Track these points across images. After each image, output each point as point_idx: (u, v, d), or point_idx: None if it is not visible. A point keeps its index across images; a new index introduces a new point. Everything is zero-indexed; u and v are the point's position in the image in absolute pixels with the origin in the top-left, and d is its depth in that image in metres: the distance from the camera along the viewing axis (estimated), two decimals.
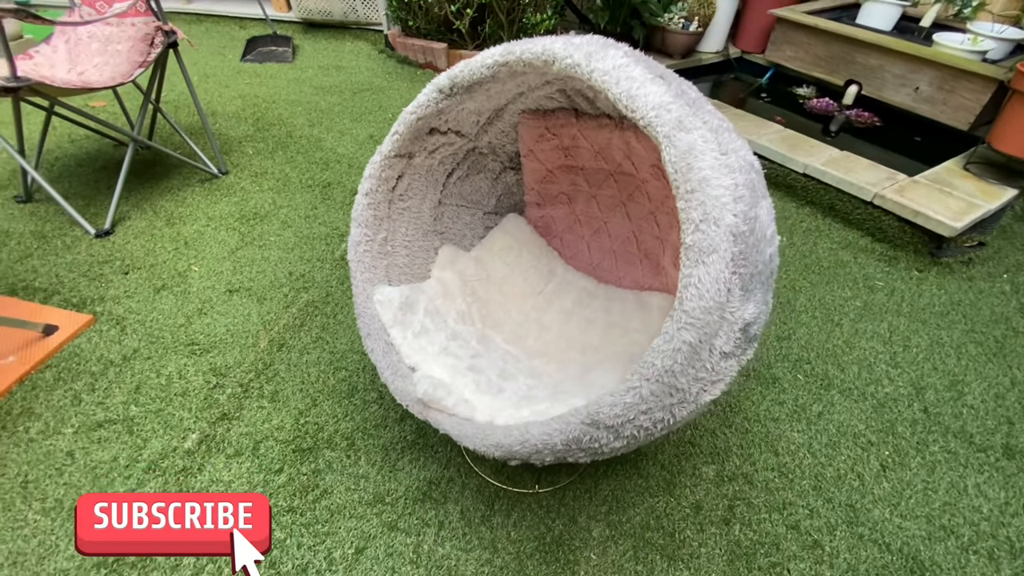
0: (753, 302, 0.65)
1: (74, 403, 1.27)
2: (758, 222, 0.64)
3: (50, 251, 1.71)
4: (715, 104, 2.23)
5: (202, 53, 3.27)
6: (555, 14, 2.90)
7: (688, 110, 0.62)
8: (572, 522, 1.09)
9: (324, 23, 3.47)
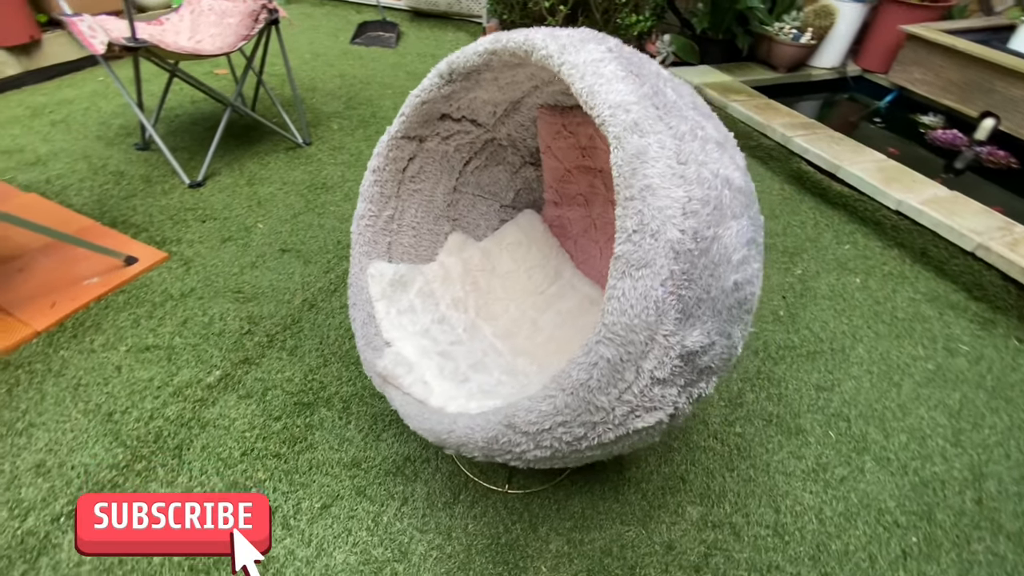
0: (700, 330, 0.59)
1: (133, 326, 1.45)
2: (717, 243, 0.58)
3: (150, 194, 1.96)
4: (804, 123, 2.01)
5: (318, 33, 3.56)
6: (652, 15, 2.79)
7: (653, 112, 0.58)
8: (532, 529, 1.07)
9: (430, 12, 3.63)
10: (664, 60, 2.74)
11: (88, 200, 1.91)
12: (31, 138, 2.25)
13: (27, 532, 1.02)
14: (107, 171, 2.07)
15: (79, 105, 2.52)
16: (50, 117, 2.42)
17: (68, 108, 2.49)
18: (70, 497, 1.08)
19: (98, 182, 2.01)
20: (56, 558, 0.98)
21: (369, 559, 1.01)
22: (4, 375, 1.30)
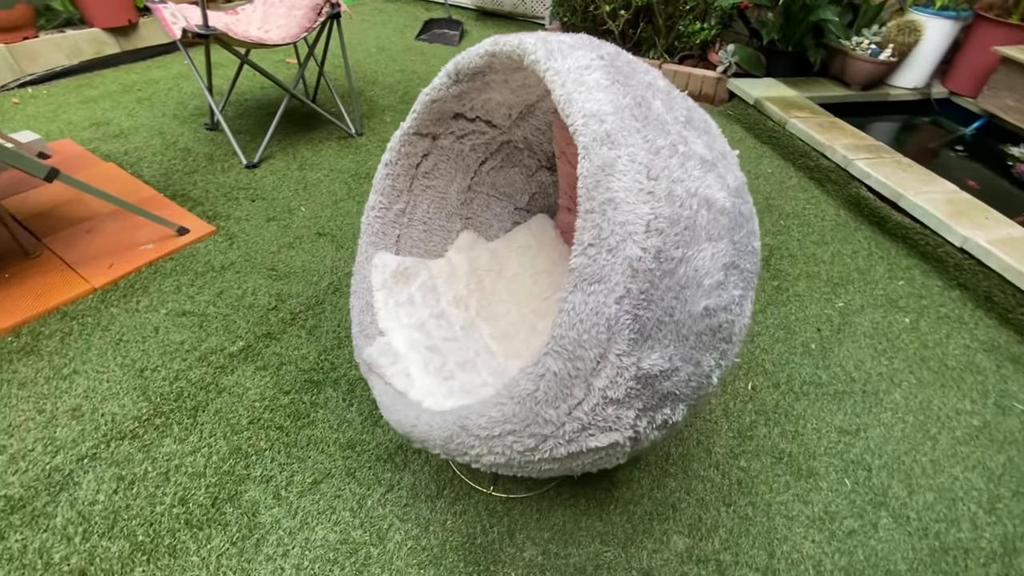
0: (659, 354, 0.56)
1: (174, 292, 1.57)
2: (685, 265, 0.55)
3: (210, 171, 2.11)
4: (871, 146, 1.87)
5: (387, 28, 3.69)
6: (718, 24, 2.69)
7: (630, 124, 0.56)
8: (509, 535, 1.06)
9: (494, 12, 3.67)
10: (726, 70, 2.63)
11: (156, 172, 2.08)
12: (118, 112, 2.47)
13: (54, 468, 1.12)
14: (177, 147, 2.24)
15: (163, 85, 2.75)
16: (137, 94, 2.65)
17: (154, 87, 2.72)
18: (96, 441, 1.18)
19: (167, 157, 2.18)
20: (74, 495, 1.08)
21: (347, 539, 1.04)
22: (60, 324, 1.44)
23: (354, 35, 3.54)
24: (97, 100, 2.57)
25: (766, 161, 2.33)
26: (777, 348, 1.48)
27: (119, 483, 1.11)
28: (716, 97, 2.72)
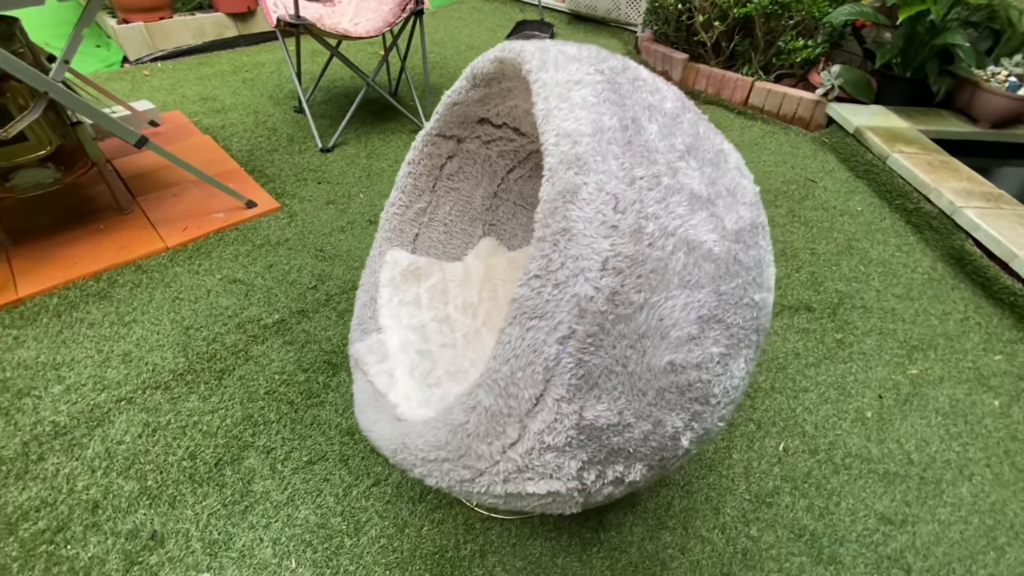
0: (607, 405, 0.51)
1: (232, 259, 1.69)
2: (647, 312, 0.49)
3: (288, 151, 2.25)
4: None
5: (480, 27, 3.75)
6: (825, 42, 2.45)
7: (608, 149, 0.50)
8: (481, 555, 1.03)
9: (588, 16, 3.61)
10: (827, 93, 2.39)
11: (243, 148, 2.26)
12: (224, 90, 2.71)
13: (96, 405, 1.25)
14: (266, 126, 2.42)
15: (267, 68, 2.98)
16: (244, 75, 2.89)
17: (259, 70, 2.96)
18: (135, 386, 1.29)
19: (255, 134, 2.36)
20: (107, 432, 1.19)
21: (326, 524, 1.06)
22: (133, 276, 1.60)
23: (447, 32, 3.63)
24: (210, 78, 2.84)
25: (857, 197, 2.09)
26: (824, 410, 1.32)
27: (144, 429, 1.20)
28: (812, 121, 2.48)
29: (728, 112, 2.69)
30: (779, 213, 2.00)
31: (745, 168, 0.66)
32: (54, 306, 1.48)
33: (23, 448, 1.15)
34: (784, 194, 2.11)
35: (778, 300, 1.62)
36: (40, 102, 1.34)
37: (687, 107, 0.63)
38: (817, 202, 2.07)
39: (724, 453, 1.22)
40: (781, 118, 2.58)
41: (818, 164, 2.29)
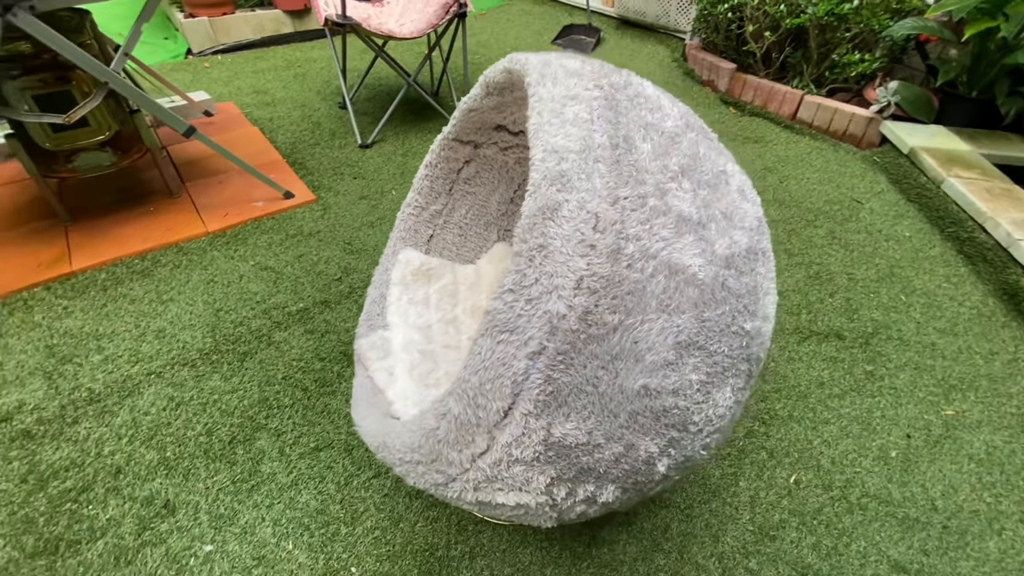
0: (575, 424, 0.50)
1: (266, 247, 1.76)
2: (621, 334, 0.48)
3: (329, 145, 2.33)
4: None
5: (527, 30, 3.76)
6: (884, 56, 2.33)
7: (595, 167, 0.50)
8: (471, 557, 1.04)
9: (636, 22, 3.56)
10: (882, 110, 2.27)
11: (287, 140, 2.35)
12: (276, 84, 2.83)
13: (129, 376, 1.33)
14: (310, 120, 2.51)
15: (318, 64, 3.09)
16: (296, 70, 3.01)
17: (310, 65, 3.07)
18: (165, 362, 1.37)
19: (300, 127, 2.45)
20: (135, 403, 1.27)
21: (325, 511, 1.09)
22: (174, 257, 1.70)
23: (493, 34, 3.66)
24: (264, 71, 2.97)
25: (905, 223, 1.97)
26: (844, 444, 1.25)
27: (169, 402, 1.28)
28: (864, 139, 2.37)
29: (774, 125, 2.60)
30: (817, 234, 1.91)
31: (750, 191, 0.64)
32: (102, 281, 1.59)
33: (61, 411, 1.24)
34: (825, 214, 2.01)
35: (806, 326, 1.55)
36: (100, 91, 1.44)
37: (691, 126, 0.62)
38: (861, 224, 1.97)
39: (731, 480, 1.18)
40: (831, 134, 2.47)
41: (866, 185, 2.18)
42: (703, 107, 2.76)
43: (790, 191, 2.14)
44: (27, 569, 0.98)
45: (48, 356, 1.36)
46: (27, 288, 1.54)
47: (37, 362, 1.35)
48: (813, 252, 1.84)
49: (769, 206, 2.04)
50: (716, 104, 2.80)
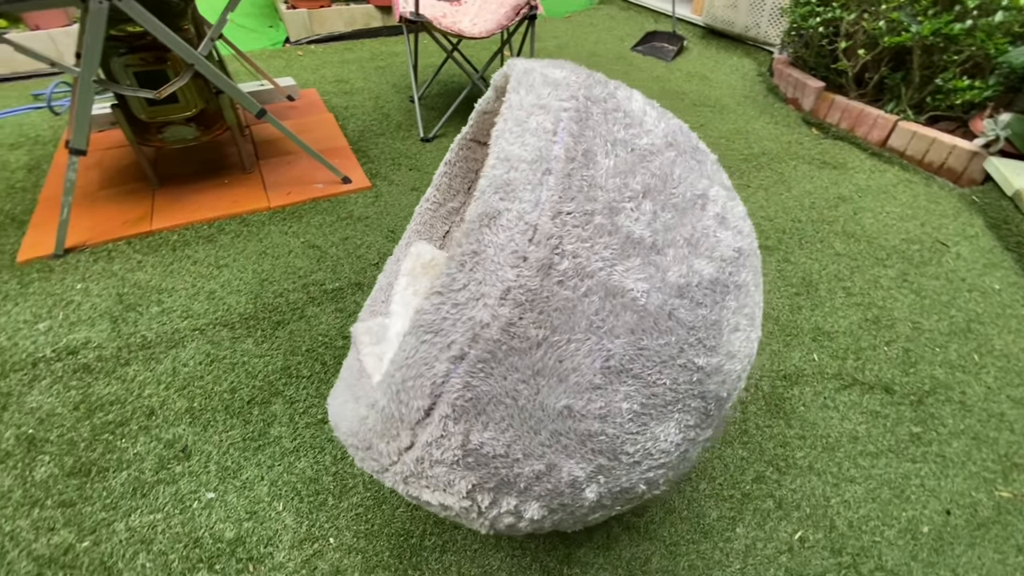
0: (493, 434, 0.49)
1: (317, 227, 1.88)
2: (546, 351, 0.47)
3: (394, 137, 2.43)
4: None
5: (609, 35, 3.71)
6: (999, 83, 2.07)
7: (544, 179, 0.48)
8: (442, 551, 1.05)
9: (724, 32, 3.40)
10: (989, 144, 2.02)
11: (356, 128, 2.49)
12: (357, 75, 3.00)
13: (177, 330, 1.47)
14: (381, 111, 2.63)
15: (399, 59, 3.23)
16: (378, 63, 3.17)
17: (392, 59, 3.22)
18: (210, 321, 1.50)
19: (371, 117, 2.58)
20: (178, 355, 1.40)
21: (318, 480, 1.15)
22: (236, 227, 1.85)
23: (573, 37, 3.64)
24: (349, 62, 3.15)
25: (997, 274, 1.74)
26: (867, 509, 1.14)
27: (205, 358, 1.40)
28: (963, 175, 2.11)
29: (859, 152, 2.39)
30: (886, 275, 1.74)
31: (737, 219, 0.60)
32: (173, 241, 1.77)
33: (117, 352, 1.40)
34: (900, 254, 1.82)
35: (850, 372, 1.42)
36: (187, 71, 1.60)
37: (675, 145, 0.58)
38: (942, 270, 1.76)
39: (728, 523, 1.11)
40: (924, 166, 2.23)
41: (958, 226, 1.95)
42: (781, 126, 2.59)
43: (863, 225, 1.96)
44: (62, 485, 1.12)
45: (117, 302, 1.54)
46: (113, 240, 1.75)
47: (107, 306, 1.53)
48: (876, 294, 1.67)
49: (834, 238, 1.89)
50: (797, 124, 2.61)
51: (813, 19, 2.39)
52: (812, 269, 1.76)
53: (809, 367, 1.44)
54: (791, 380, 1.40)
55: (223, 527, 1.07)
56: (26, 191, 1.96)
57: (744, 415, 1.31)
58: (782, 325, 1.56)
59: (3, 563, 1.00)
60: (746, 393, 1.37)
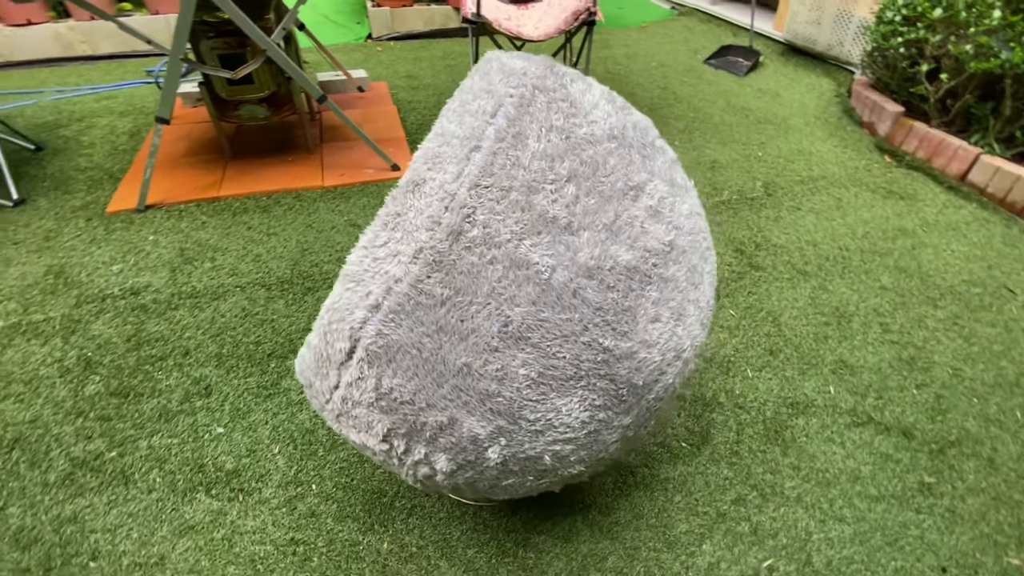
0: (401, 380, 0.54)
1: (360, 208, 2.01)
2: (448, 309, 0.51)
3: None
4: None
5: (682, 47, 3.64)
6: None
7: (472, 156, 0.53)
8: (408, 513, 1.11)
9: (805, 49, 3.24)
10: None
11: (415, 122, 2.63)
12: (427, 72, 3.16)
13: (223, 285, 1.64)
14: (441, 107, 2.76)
15: (467, 58, 3.36)
16: (448, 61, 3.31)
17: (462, 59, 3.35)
18: (251, 280, 1.66)
19: (431, 113, 2.71)
20: (218, 307, 1.57)
21: (314, 432, 1.25)
22: (291, 201, 2.03)
23: (643, 47, 3.62)
24: (422, 60, 3.33)
25: None
26: (851, 550, 1.07)
27: (240, 312, 1.55)
28: None
29: (934, 184, 2.20)
30: (934, 315, 1.61)
31: (674, 216, 0.61)
32: (234, 208, 1.97)
33: (170, 298, 1.59)
34: (956, 295, 1.68)
35: (867, 410, 1.33)
36: (260, 56, 1.78)
37: (619, 137, 0.61)
38: (1001, 318, 1.60)
39: (696, 538, 1.08)
40: (1007, 206, 2.02)
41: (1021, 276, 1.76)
42: (850, 150, 2.45)
43: (919, 261, 1.82)
44: (104, 403, 1.29)
45: (178, 255, 1.74)
46: (185, 202, 1.97)
47: (170, 257, 1.73)
48: (918, 334, 1.55)
49: (883, 272, 1.76)
50: (868, 149, 2.45)
51: (895, 39, 2.24)
52: (849, 300, 1.66)
53: (822, 399, 1.37)
54: (798, 409, 1.34)
55: (225, 459, 1.19)
56: (125, 153, 2.25)
57: (738, 436, 1.28)
58: (801, 353, 1.49)
59: (46, 459, 1.17)
60: (688, 391, 1.34)
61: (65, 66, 3.05)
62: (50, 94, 2.69)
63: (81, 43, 3.07)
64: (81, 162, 2.19)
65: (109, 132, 2.39)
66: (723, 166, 2.33)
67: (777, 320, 1.59)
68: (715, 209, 2.06)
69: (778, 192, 2.17)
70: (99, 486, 1.13)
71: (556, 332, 0.54)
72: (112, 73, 2.97)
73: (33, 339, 1.45)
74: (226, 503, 1.11)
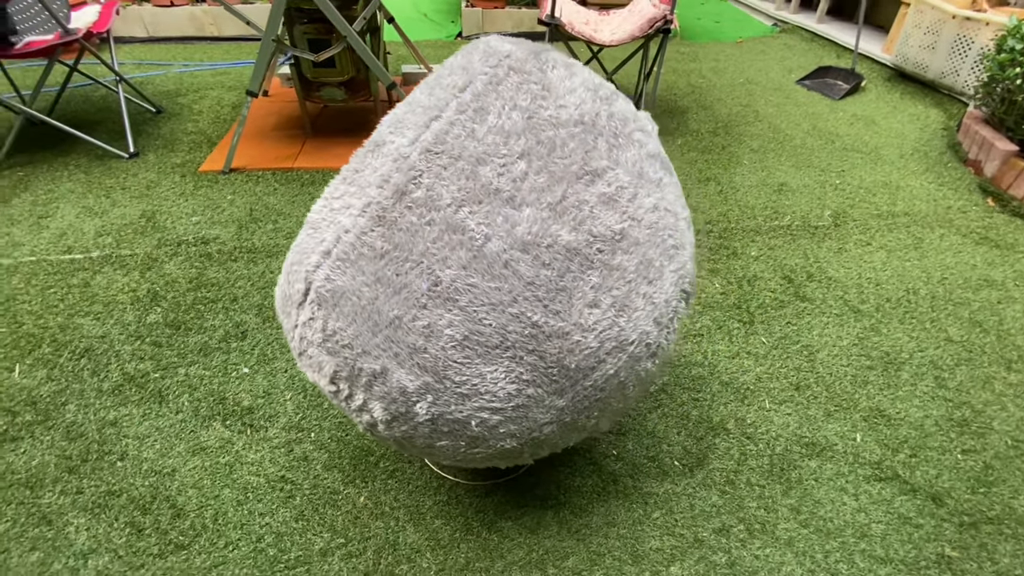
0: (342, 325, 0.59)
1: None
2: (386, 263, 0.55)
3: None
4: None
5: (777, 65, 3.46)
6: None
7: (433, 124, 0.56)
8: (388, 475, 1.17)
9: (914, 76, 2.96)
10: None
11: None
12: None
13: (277, 244, 1.80)
14: None
15: None
16: None
17: None
18: None
19: None
20: (271, 263, 1.72)
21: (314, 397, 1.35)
22: None
23: (734, 62, 3.47)
24: None
25: None
26: None
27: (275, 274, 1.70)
28: None
29: None
30: (1005, 379, 1.42)
31: (632, 207, 0.60)
32: (304, 179, 2.15)
33: (232, 251, 1.76)
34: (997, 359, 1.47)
35: (895, 467, 1.21)
36: (340, 42, 1.94)
37: (586, 123, 0.61)
38: None
39: (666, 557, 1.05)
40: None
41: None
42: (947, 188, 2.21)
43: (1001, 316, 1.61)
44: (159, 331, 1.47)
45: (247, 215, 1.93)
46: (263, 169, 2.18)
47: (240, 216, 1.92)
48: (979, 395, 1.38)
49: (952, 323, 1.58)
50: (969, 190, 2.20)
51: (1014, 69, 1.99)
52: (904, 347, 1.51)
53: (843, 444, 1.26)
54: (813, 450, 1.24)
55: (244, 396, 1.31)
56: (226, 122, 2.52)
57: (738, 466, 1.21)
58: (832, 393, 1.38)
59: (105, 369, 1.36)
60: (649, 390, 1.26)
61: (195, 44, 3.46)
62: (177, 67, 3.07)
63: (210, 25, 3.48)
64: (189, 126, 2.48)
65: (216, 103, 2.69)
66: (792, 190, 2.19)
67: (812, 355, 1.48)
68: (770, 233, 1.95)
69: (848, 223, 2.01)
70: (139, 400, 1.29)
71: (484, 299, 0.56)
72: (231, 53, 3.33)
73: (119, 269, 1.67)
74: (235, 434, 1.23)
